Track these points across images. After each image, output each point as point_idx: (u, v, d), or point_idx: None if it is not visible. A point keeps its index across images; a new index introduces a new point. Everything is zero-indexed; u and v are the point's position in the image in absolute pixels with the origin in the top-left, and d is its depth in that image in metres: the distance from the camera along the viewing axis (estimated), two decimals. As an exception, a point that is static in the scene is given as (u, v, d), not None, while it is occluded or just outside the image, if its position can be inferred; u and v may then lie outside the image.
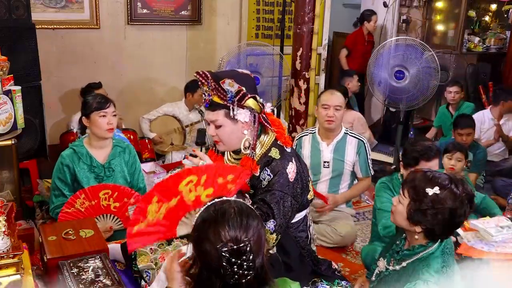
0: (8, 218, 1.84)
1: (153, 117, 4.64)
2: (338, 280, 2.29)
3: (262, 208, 1.99)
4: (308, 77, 3.99)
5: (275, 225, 1.99)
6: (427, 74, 3.84)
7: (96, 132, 2.73)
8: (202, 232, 1.33)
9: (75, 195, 2.62)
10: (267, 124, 2.07)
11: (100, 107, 2.70)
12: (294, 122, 4.10)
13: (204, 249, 1.30)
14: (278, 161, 2.04)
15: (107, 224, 2.70)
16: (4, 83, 2.76)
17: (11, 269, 1.76)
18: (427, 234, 1.83)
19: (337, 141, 3.22)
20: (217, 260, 1.27)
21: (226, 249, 1.27)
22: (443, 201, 1.74)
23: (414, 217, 1.79)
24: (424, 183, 1.78)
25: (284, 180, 2.02)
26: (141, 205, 1.75)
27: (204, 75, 1.99)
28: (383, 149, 4.96)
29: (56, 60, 4.39)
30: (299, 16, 3.85)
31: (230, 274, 1.27)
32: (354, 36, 5.62)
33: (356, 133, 3.29)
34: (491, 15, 6.06)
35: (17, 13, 3.36)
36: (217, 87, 1.96)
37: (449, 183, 1.76)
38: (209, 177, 1.73)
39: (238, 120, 2.01)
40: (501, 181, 4.03)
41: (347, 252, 3.15)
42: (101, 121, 2.70)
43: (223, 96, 1.97)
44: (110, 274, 1.95)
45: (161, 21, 4.75)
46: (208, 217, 1.34)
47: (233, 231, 1.29)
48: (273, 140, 2.11)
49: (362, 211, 3.76)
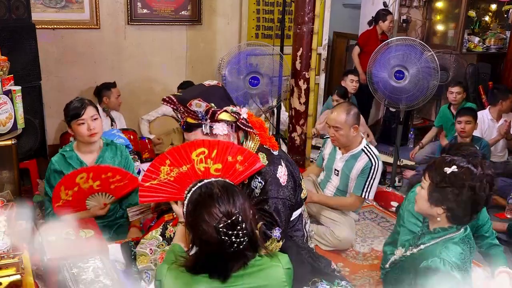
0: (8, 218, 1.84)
1: (152, 118, 4.64)
2: (338, 280, 2.28)
3: (265, 218, 1.98)
4: (308, 77, 4.00)
5: (280, 232, 1.99)
6: (427, 74, 3.83)
7: (80, 139, 2.69)
8: (196, 217, 1.50)
9: (55, 189, 2.57)
10: (249, 128, 2.07)
11: (76, 115, 2.61)
12: (294, 122, 4.11)
13: (202, 230, 1.47)
14: (266, 167, 2.03)
15: (100, 201, 2.67)
16: (4, 83, 2.76)
17: (11, 269, 1.76)
18: (449, 217, 1.86)
19: (351, 155, 3.13)
20: (216, 236, 1.44)
21: (221, 225, 1.45)
22: (461, 178, 1.79)
23: (435, 197, 1.84)
24: (443, 164, 1.84)
25: (276, 186, 2.01)
26: (156, 163, 1.94)
27: (170, 100, 2.01)
28: (383, 149, 4.96)
29: (56, 60, 4.39)
30: (299, 16, 3.85)
31: (229, 244, 1.44)
32: (367, 34, 5.59)
33: (373, 152, 3.10)
34: (491, 15, 6.06)
35: (17, 13, 3.36)
36: (186, 109, 1.99)
37: (467, 163, 1.82)
38: (219, 153, 1.90)
39: (217, 134, 2.02)
40: (501, 181, 4.04)
41: (347, 252, 3.15)
42: (80, 129, 2.62)
43: (195, 117, 2.00)
44: (110, 274, 1.95)
45: (161, 21, 4.75)
46: (198, 201, 1.52)
47: (224, 207, 1.48)
48: (259, 145, 2.10)
49: (362, 211, 3.76)
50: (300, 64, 3.95)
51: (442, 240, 1.87)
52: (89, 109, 2.65)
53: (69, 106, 2.68)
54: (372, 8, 5.78)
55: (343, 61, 6.73)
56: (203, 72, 4.86)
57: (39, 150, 3.62)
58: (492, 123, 4.52)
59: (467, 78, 5.57)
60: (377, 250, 3.15)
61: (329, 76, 6.25)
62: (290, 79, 4.16)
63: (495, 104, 4.53)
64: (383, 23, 5.43)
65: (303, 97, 4.01)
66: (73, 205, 2.61)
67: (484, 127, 4.52)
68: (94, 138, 2.66)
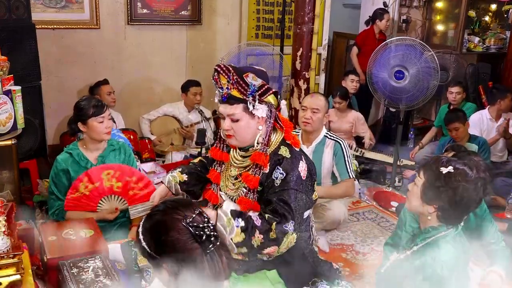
0: (8, 218, 1.84)
1: (153, 117, 4.64)
2: (338, 280, 2.28)
3: (279, 210, 1.98)
4: (308, 77, 4.00)
5: (294, 225, 1.98)
6: (427, 74, 3.83)
7: (94, 137, 2.72)
8: (163, 233, 1.43)
9: (78, 178, 2.61)
10: (279, 122, 2.09)
11: (98, 112, 2.67)
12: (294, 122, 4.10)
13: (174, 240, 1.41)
14: (289, 160, 2.04)
15: (113, 205, 2.69)
16: (4, 83, 2.77)
17: (11, 269, 1.76)
18: (439, 216, 1.87)
19: (316, 144, 3.20)
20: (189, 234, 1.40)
21: (189, 219, 1.42)
22: (456, 179, 1.79)
23: (428, 195, 1.85)
24: (439, 164, 1.84)
25: (297, 178, 2.02)
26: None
27: (225, 68, 1.99)
28: (383, 149, 4.96)
29: (56, 60, 4.39)
30: (299, 16, 3.85)
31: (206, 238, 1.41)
32: (364, 34, 5.60)
33: (335, 135, 3.23)
34: (491, 15, 6.06)
35: (17, 13, 3.37)
36: (239, 80, 1.96)
37: (463, 165, 1.82)
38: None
39: (255, 115, 2.02)
40: (501, 181, 4.04)
41: (347, 252, 3.15)
42: (99, 126, 2.68)
43: (244, 90, 1.98)
44: (110, 274, 1.95)
45: (161, 21, 4.75)
46: (160, 224, 1.45)
47: (182, 213, 1.44)
48: (281, 139, 2.11)
49: (362, 211, 3.76)
50: (300, 64, 3.95)
51: (434, 239, 1.88)
52: (108, 109, 2.75)
53: (86, 104, 2.68)
54: (372, 8, 5.77)
55: (343, 61, 6.72)
56: (203, 72, 4.86)
57: (39, 150, 3.62)
58: (491, 123, 4.53)
59: (467, 78, 5.57)
60: (377, 250, 3.15)
61: (329, 76, 6.25)
62: (290, 79, 4.16)
63: (494, 104, 4.53)
64: (380, 22, 5.45)
65: (303, 97, 4.01)
66: (86, 202, 2.63)
67: (483, 126, 4.52)
68: (107, 136, 2.73)
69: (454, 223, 1.89)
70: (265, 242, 1.95)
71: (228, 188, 2.19)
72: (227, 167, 2.23)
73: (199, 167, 2.42)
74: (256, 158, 2.04)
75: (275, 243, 1.96)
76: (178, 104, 4.65)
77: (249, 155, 2.11)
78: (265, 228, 1.95)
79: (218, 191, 2.24)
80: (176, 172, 2.38)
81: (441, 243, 1.85)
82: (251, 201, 2.08)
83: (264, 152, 2.04)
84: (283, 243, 1.97)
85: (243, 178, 2.10)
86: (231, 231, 1.92)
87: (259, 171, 2.05)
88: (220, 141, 2.24)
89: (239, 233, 1.92)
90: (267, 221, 1.97)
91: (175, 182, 2.33)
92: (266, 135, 2.06)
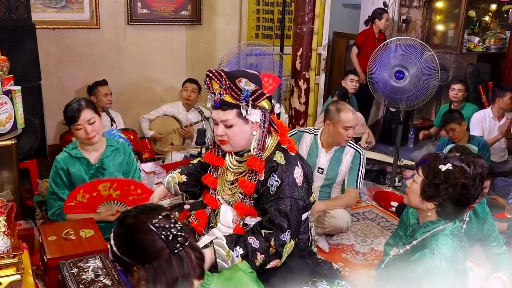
0: (8, 218, 1.84)
1: (152, 117, 4.64)
2: (338, 280, 2.28)
3: (275, 220, 1.97)
4: (308, 77, 3.99)
5: (290, 233, 1.99)
6: (427, 74, 3.83)
7: (80, 141, 2.71)
8: (131, 236, 1.47)
9: (75, 190, 2.60)
10: (274, 126, 2.07)
11: (72, 119, 2.61)
12: (294, 122, 4.10)
13: (142, 241, 1.44)
14: (284, 167, 2.02)
15: (113, 208, 2.68)
16: (4, 83, 2.76)
17: (11, 269, 1.76)
18: (439, 211, 1.92)
19: (335, 150, 3.21)
20: (156, 234, 1.43)
21: (156, 220, 1.45)
22: (455, 176, 1.84)
23: (427, 192, 1.89)
24: (438, 161, 1.89)
25: (293, 185, 2.01)
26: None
27: (217, 73, 1.97)
28: (383, 149, 4.97)
29: (56, 60, 4.39)
30: (299, 16, 3.84)
31: (172, 238, 1.43)
32: (364, 34, 5.61)
33: (355, 144, 3.25)
34: (491, 15, 6.06)
35: (17, 13, 3.36)
36: (232, 86, 1.93)
37: (460, 162, 1.87)
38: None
39: (249, 120, 2.00)
40: (501, 181, 4.04)
41: (347, 252, 3.15)
42: (78, 133, 2.64)
43: (237, 96, 1.95)
44: (110, 274, 1.95)
45: (161, 21, 4.75)
46: (128, 227, 1.48)
47: (150, 216, 1.47)
48: (276, 143, 2.09)
49: (362, 211, 3.76)
50: (300, 64, 3.94)
51: (432, 232, 1.93)
52: (84, 113, 2.61)
53: (67, 109, 2.66)
54: (372, 8, 5.78)
55: (343, 61, 6.73)
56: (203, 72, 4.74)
57: (39, 150, 3.62)
58: (493, 122, 4.53)
59: (467, 78, 5.57)
60: (377, 250, 3.15)
61: (329, 76, 6.25)
62: (290, 79, 4.16)
63: (494, 102, 4.55)
64: (380, 21, 5.46)
65: (303, 97, 4.01)
66: (85, 208, 2.62)
67: (485, 125, 4.53)
68: (93, 140, 2.66)
69: (453, 218, 1.94)
70: (267, 259, 1.97)
71: (225, 193, 2.19)
72: (224, 171, 2.22)
73: (198, 168, 2.41)
74: (252, 163, 2.03)
75: (277, 257, 1.99)
76: (178, 103, 4.65)
77: (244, 160, 2.10)
78: (264, 248, 1.96)
79: (216, 196, 2.24)
80: (175, 173, 2.37)
81: (439, 236, 1.89)
82: (248, 207, 2.08)
83: (259, 157, 2.03)
84: (284, 254, 2.00)
85: (239, 184, 2.09)
86: (233, 263, 1.91)
87: (254, 177, 2.04)
88: (214, 146, 2.22)
89: (240, 261, 1.91)
90: (264, 238, 1.97)
91: (174, 183, 2.33)
92: (261, 140, 2.04)
